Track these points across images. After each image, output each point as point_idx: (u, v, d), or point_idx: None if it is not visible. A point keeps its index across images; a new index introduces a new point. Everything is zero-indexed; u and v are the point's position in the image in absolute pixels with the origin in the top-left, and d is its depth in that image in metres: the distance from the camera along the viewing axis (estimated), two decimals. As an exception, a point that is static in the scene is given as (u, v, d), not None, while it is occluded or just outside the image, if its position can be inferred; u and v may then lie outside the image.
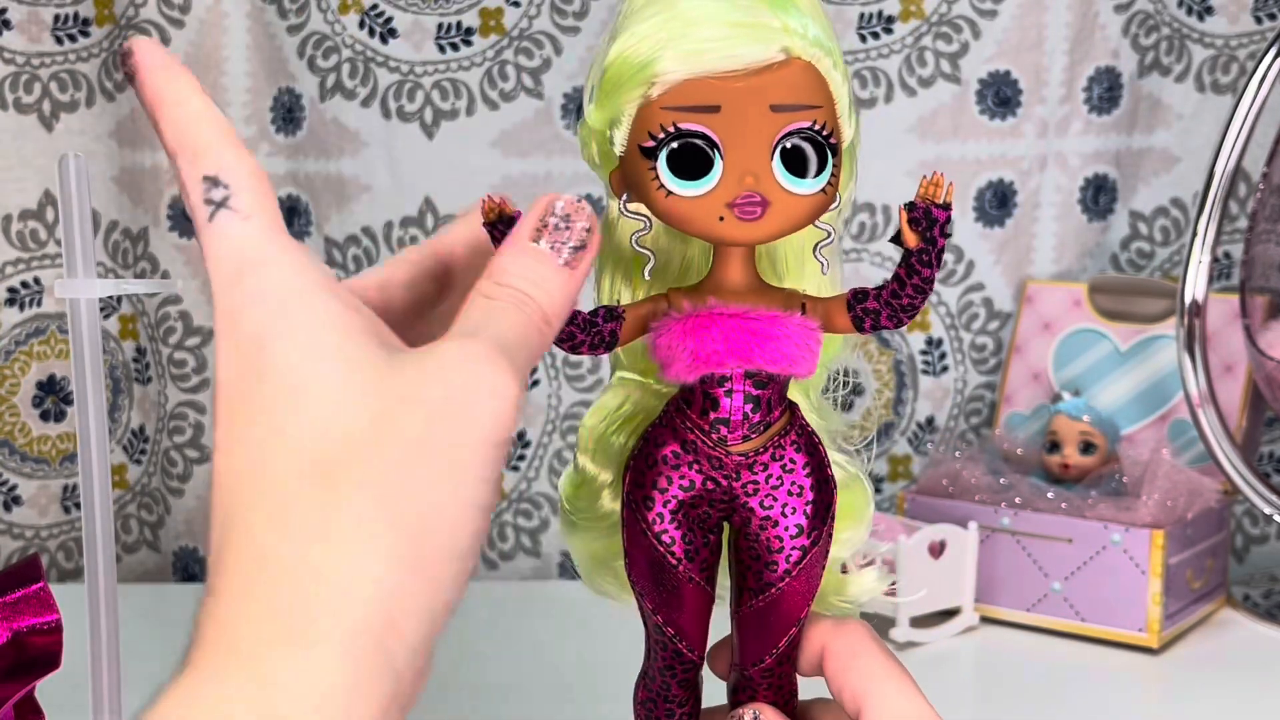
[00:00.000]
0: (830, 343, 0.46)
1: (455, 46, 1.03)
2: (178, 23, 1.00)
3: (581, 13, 1.03)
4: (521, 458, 1.07)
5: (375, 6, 1.02)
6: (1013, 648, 0.91)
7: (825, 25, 0.42)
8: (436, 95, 1.03)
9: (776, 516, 0.44)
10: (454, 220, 0.45)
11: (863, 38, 1.04)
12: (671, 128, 0.41)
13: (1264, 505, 0.92)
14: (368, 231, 1.04)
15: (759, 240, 0.42)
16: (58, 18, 1.00)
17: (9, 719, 0.55)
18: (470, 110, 1.04)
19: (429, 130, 1.04)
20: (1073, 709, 0.82)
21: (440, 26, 1.03)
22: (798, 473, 0.44)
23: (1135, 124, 1.07)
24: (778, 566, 0.44)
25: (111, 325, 1.04)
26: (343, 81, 1.03)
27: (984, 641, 0.91)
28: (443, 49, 1.03)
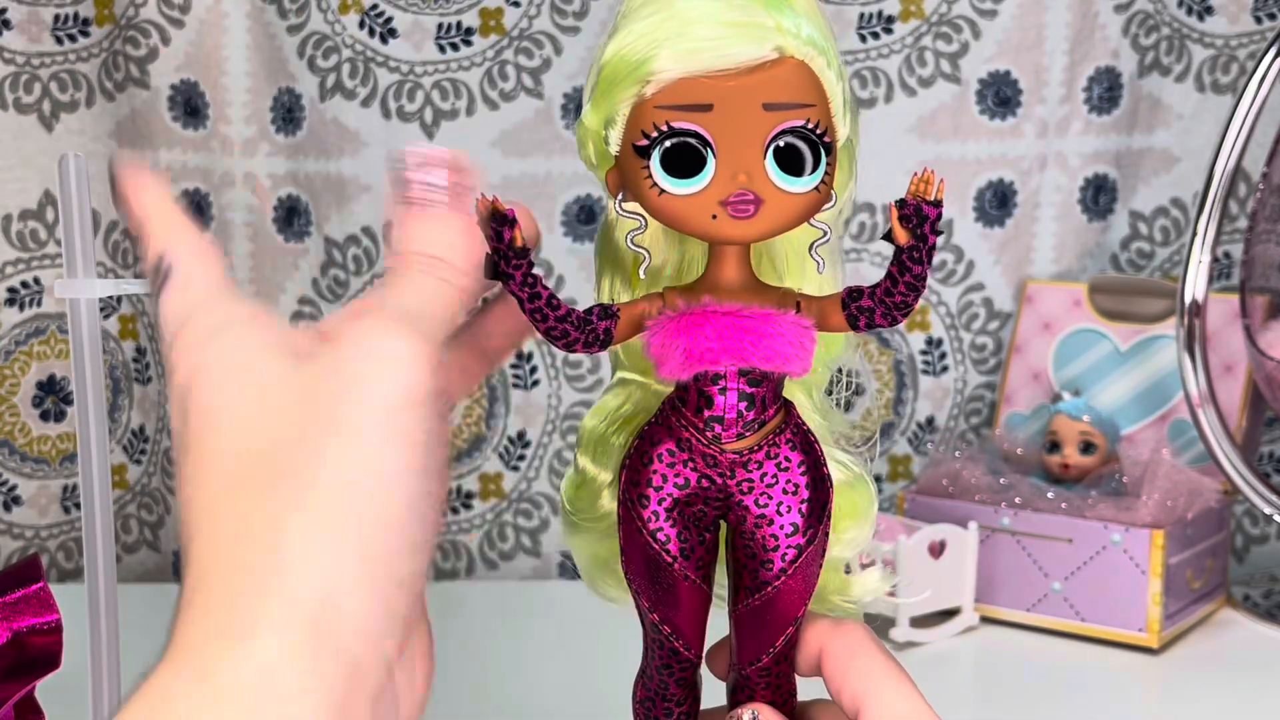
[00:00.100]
0: (833, 342, 0.46)
1: (455, 46, 1.03)
2: (178, 23, 1.00)
3: (581, 13, 1.03)
4: (522, 458, 1.07)
5: (375, 6, 1.03)
6: (1013, 648, 0.91)
7: (820, 24, 0.42)
8: (436, 95, 1.03)
9: (771, 515, 0.44)
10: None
11: (862, 38, 1.04)
12: (664, 126, 0.41)
13: (1264, 505, 0.92)
14: (368, 231, 1.04)
15: (752, 238, 0.42)
16: (58, 18, 1.00)
17: (9, 719, 0.55)
18: (470, 110, 1.04)
19: (429, 130, 1.04)
20: (1073, 709, 0.82)
21: (440, 26, 1.03)
22: (793, 471, 0.44)
23: (1135, 124, 1.07)
24: (773, 565, 0.44)
25: (111, 325, 1.05)
26: (343, 81, 1.03)
27: (984, 641, 0.91)
28: (443, 49, 1.03)
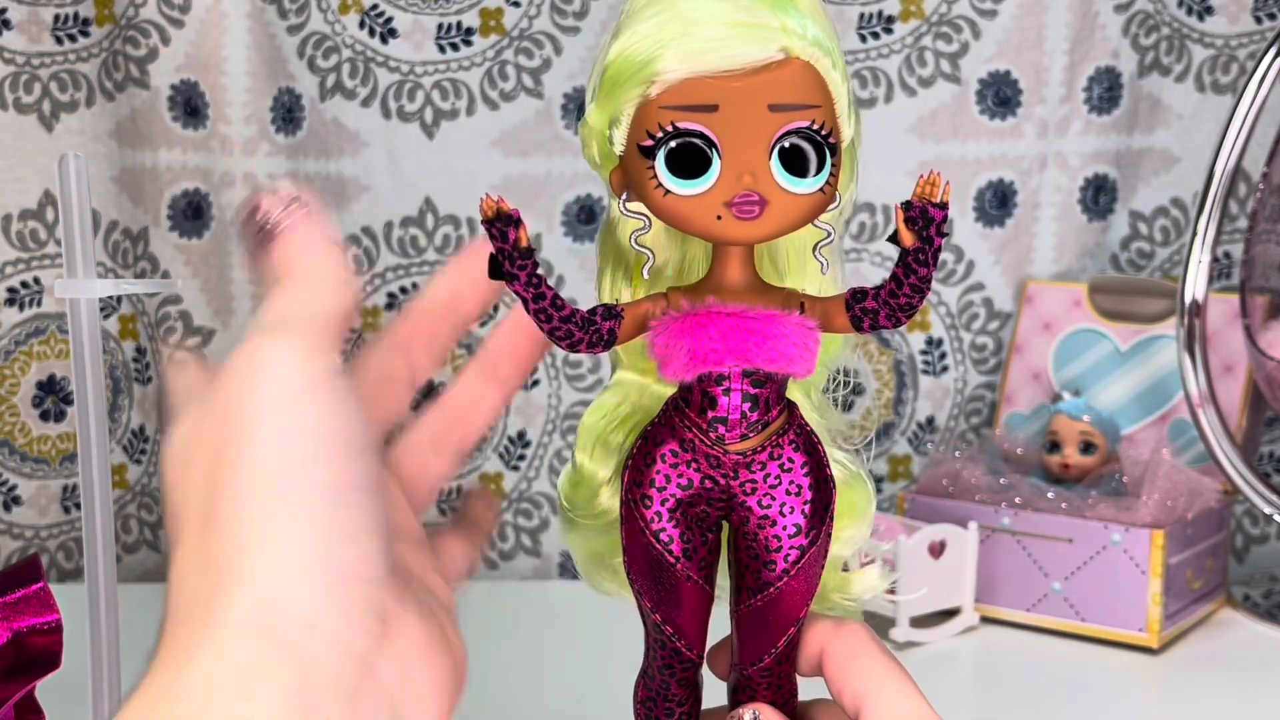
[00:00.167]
0: (830, 342, 0.46)
1: (455, 46, 1.03)
2: (178, 23, 1.00)
3: (581, 13, 1.03)
4: (522, 457, 1.07)
5: (375, 6, 1.03)
6: (1013, 648, 0.91)
7: (825, 25, 0.42)
8: (436, 95, 1.03)
9: (775, 516, 0.44)
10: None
11: (863, 38, 1.04)
12: (670, 127, 0.41)
13: (1264, 505, 0.92)
14: (368, 231, 1.04)
15: (757, 239, 0.42)
16: (58, 18, 1.00)
17: (9, 719, 0.55)
18: (470, 110, 1.04)
19: (429, 130, 1.04)
20: (1073, 709, 0.82)
21: (440, 26, 1.03)
22: (796, 472, 0.44)
23: (1135, 124, 1.07)
24: (776, 566, 0.44)
25: (111, 325, 1.04)
26: (343, 81, 1.03)
27: (984, 641, 0.91)
28: (443, 49, 1.03)
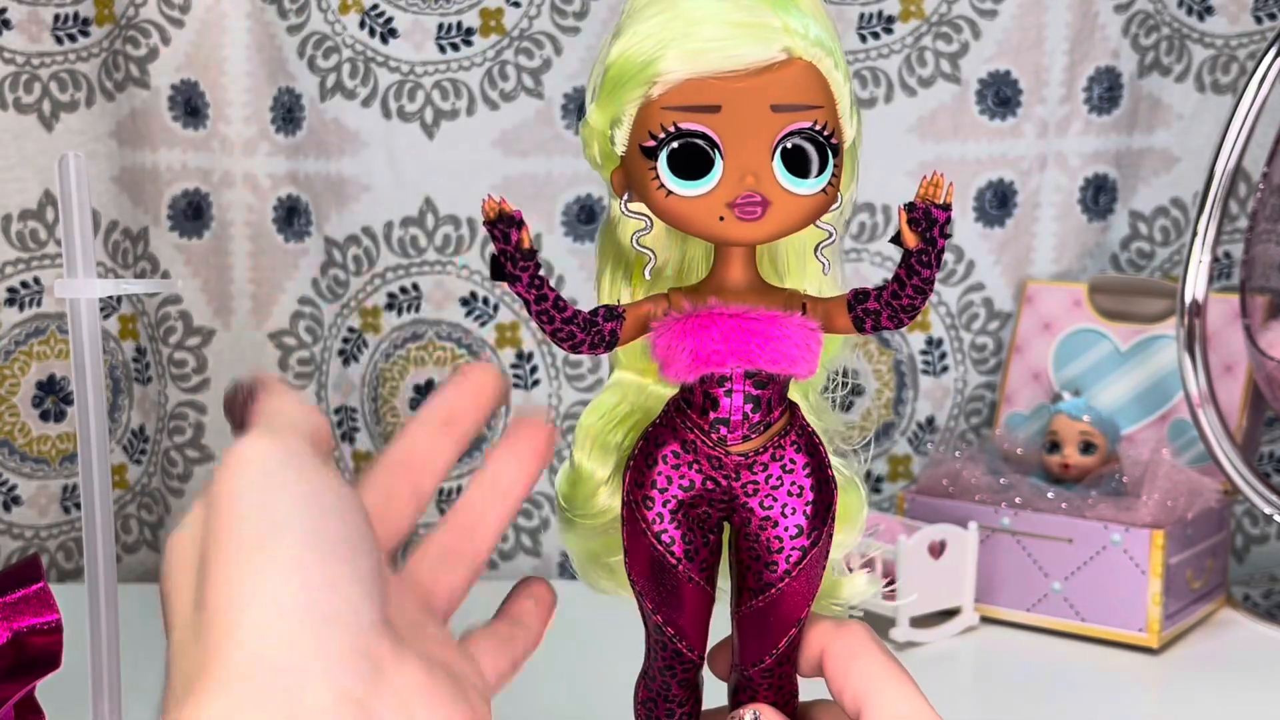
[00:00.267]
0: (829, 343, 0.46)
1: (455, 46, 1.03)
2: (178, 23, 1.00)
3: (582, 13, 1.03)
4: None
5: (375, 6, 1.03)
6: (1013, 648, 0.91)
7: (827, 25, 0.42)
8: (437, 95, 1.03)
9: (776, 517, 0.44)
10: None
11: (863, 38, 1.04)
12: (672, 127, 0.41)
13: (1264, 505, 0.92)
14: (368, 231, 1.04)
15: (759, 240, 0.42)
16: (58, 18, 1.00)
17: (9, 719, 0.55)
18: (470, 110, 1.04)
19: (429, 130, 1.04)
20: (1073, 709, 0.82)
21: (440, 26, 1.03)
22: (797, 473, 0.44)
23: (1135, 124, 1.07)
24: (777, 567, 0.44)
25: (111, 325, 1.04)
26: (343, 81, 1.03)
27: (984, 641, 0.91)
28: (443, 49, 1.03)
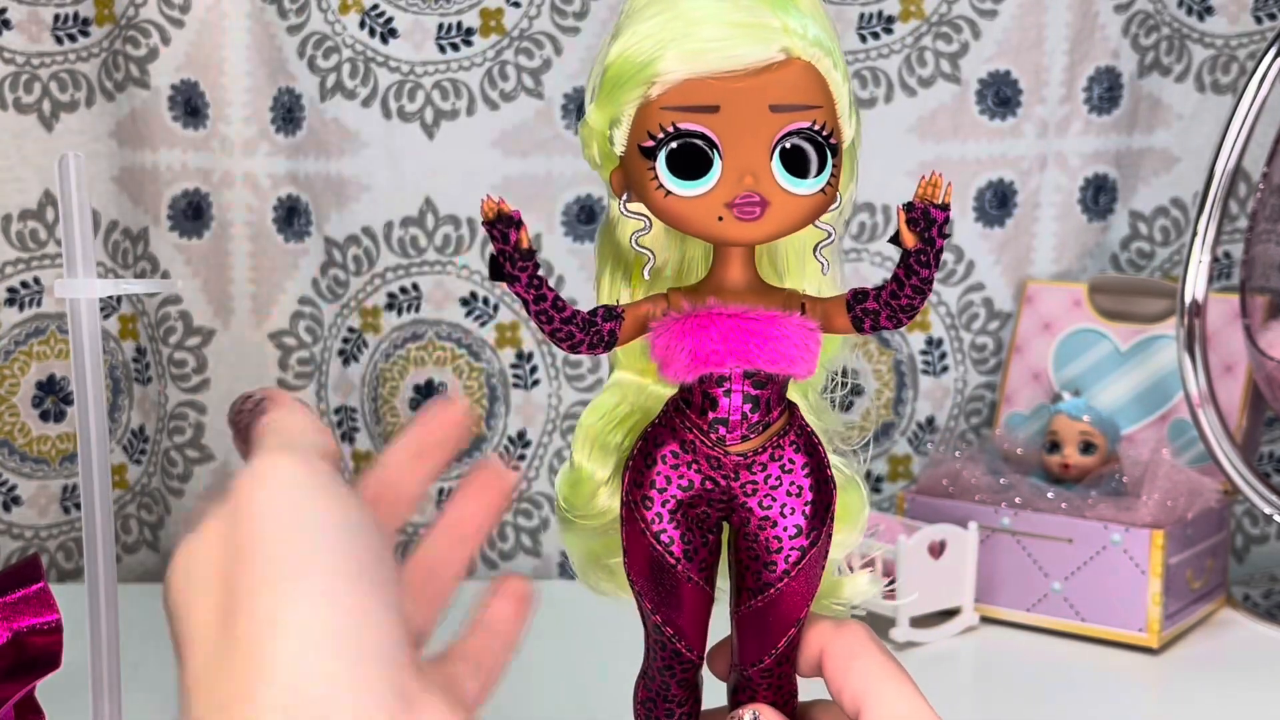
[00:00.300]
0: (829, 343, 0.46)
1: (455, 46, 1.03)
2: (178, 23, 1.00)
3: (582, 13, 1.03)
4: (522, 457, 1.07)
5: (375, 6, 1.03)
6: (1013, 648, 0.91)
7: (826, 25, 0.42)
8: (437, 95, 1.03)
9: (775, 517, 0.44)
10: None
11: (863, 38, 1.04)
12: (670, 128, 0.41)
13: (1264, 505, 0.92)
14: (368, 231, 1.04)
15: (758, 240, 0.42)
16: (58, 18, 1.00)
17: (9, 719, 0.55)
18: (470, 110, 1.04)
19: (429, 130, 1.04)
20: (1073, 709, 0.82)
21: (440, 26, 1.03)
22: (797, 473, 0.44)
23: (1135, 124, 1.07)
24: (776, 567, 0.44)
25: (111, 325, 1.04)
26: (343, 81, 1.03)
27: (984, 641, 0.91)
28: (443, 49, 1.03)
